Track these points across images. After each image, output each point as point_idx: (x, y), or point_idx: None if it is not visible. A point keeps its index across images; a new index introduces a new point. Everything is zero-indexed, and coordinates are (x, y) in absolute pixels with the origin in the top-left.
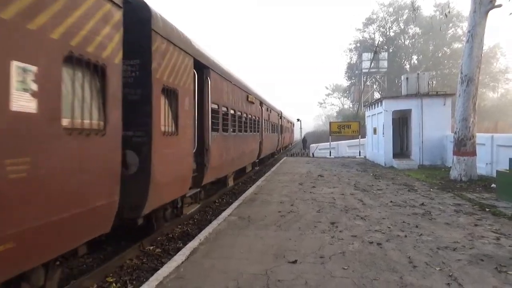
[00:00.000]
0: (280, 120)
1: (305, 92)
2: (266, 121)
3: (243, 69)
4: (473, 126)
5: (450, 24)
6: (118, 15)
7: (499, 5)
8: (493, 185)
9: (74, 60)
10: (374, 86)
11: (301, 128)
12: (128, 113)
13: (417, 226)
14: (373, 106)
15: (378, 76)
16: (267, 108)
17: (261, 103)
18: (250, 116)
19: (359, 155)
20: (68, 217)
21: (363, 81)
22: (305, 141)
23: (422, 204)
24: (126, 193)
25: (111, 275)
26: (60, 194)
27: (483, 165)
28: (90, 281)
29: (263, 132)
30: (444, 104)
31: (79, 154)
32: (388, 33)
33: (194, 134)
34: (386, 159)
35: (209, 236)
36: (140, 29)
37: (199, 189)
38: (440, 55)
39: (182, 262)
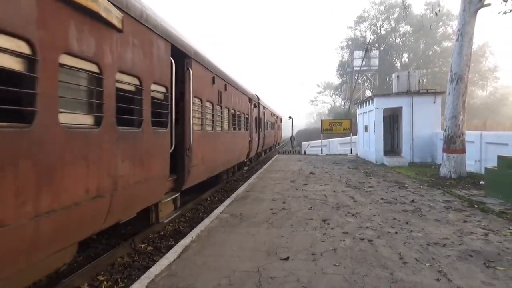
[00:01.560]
0: (255, 110)
1: (296, 89)
2: (217, 108)
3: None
4: (463, 124)
5: (440, 23)
6: None
7: (488, 4)
8: (482, 182)
9: None
10: (366, 84)
11: (292, 126)
12: None
13: (407, 223)
14: (364, 104)
15: (369, 74)
16: (225, 85)
17: (194, 60)
18: (128, 84)
19: (351, 152)
20: None
21: (355, 79)
22: (293, 139)
23: (413, 201)
24: None
25: (102, 273)
26: None
27: (472, 162)
28: (81, 279)
29: (193, 125)
30: (434, 102)
31: None
32: (379, 31)
33: None
34: (377, 157)
35: (201, 233)
36: None
37: None
38: (430, 53)
39: (174, 260)
